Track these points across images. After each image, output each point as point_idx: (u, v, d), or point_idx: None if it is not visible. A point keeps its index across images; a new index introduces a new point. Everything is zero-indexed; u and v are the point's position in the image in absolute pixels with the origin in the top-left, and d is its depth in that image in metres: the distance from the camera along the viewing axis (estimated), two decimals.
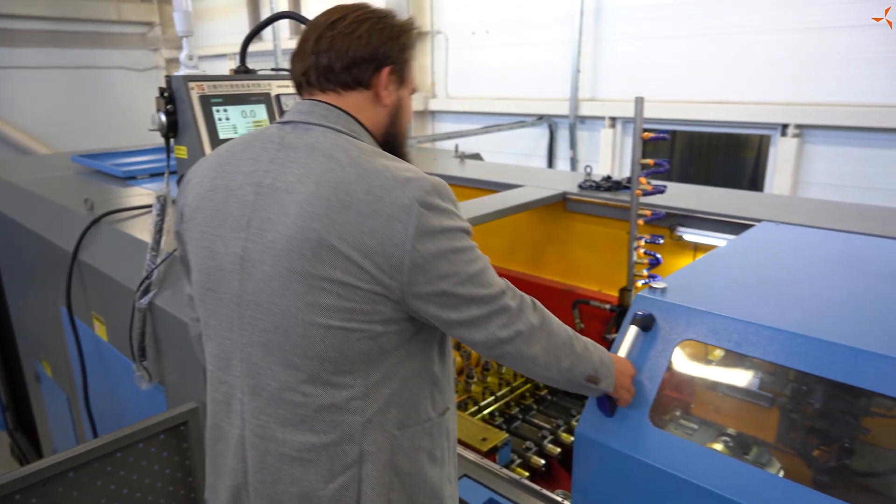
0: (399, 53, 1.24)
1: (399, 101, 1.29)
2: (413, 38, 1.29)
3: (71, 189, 3.18)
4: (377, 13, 1.25)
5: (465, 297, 1.15)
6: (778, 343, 1.33)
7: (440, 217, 1.13)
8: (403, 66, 1.27)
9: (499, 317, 1.18)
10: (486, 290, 1.17)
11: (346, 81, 1.22)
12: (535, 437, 2.40)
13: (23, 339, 3.53)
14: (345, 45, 1.20)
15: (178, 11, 1.89)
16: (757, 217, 2.33)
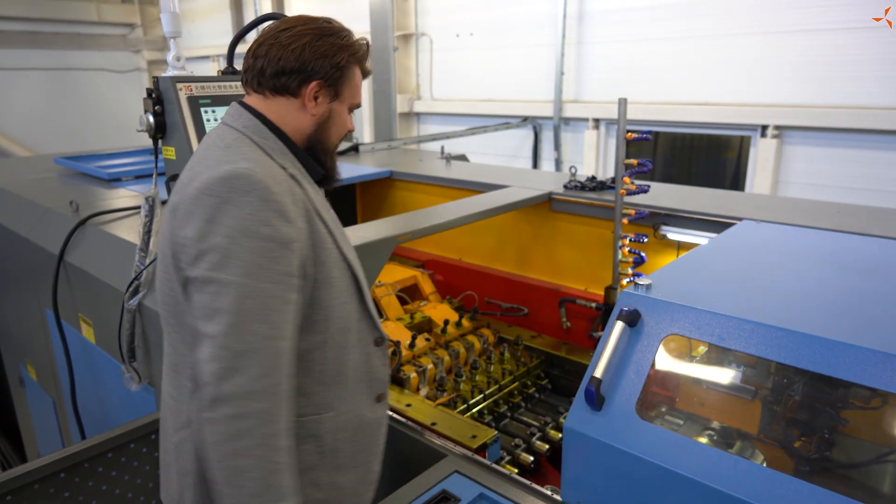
0: (331, 70, 1.33)
1: (329, 114, 1.39)
2: (352, 59, 1.36)
3: (55, 191, 3.15)
4: (324, 30, 1.33)
5: (207, 298, 1.17)
6: (759, 336, 1.37)
7: (217, 207, 1.19)
8: (338, 82, 1.36)
9: (206, 345, 1.16)
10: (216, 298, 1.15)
11: (274, 87, 1.34)
12: (524, 434, 2.43)
13: (6, 344, 3.49)
14: (279, 54, 1.31)
15: (165, 13, 1.90)
16: (738, 216, 2.38)
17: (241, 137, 1.32)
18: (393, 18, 6.84)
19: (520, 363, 2.78)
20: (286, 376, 1.20)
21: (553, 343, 2.89)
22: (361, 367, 1.44)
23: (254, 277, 1.16)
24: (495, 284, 3.22)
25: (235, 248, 1.16)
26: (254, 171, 1.21)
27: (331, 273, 1.33)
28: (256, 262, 1.16)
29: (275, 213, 1.19)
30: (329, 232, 1.34)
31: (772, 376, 1.52)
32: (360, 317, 1.42)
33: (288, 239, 1.21)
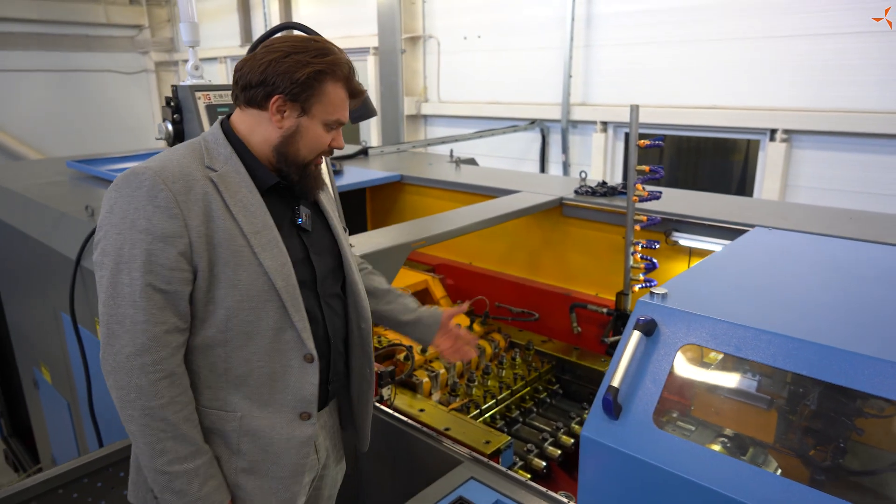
0: (291, 86, 1.37)
1: (296, 128, 1.43)
2: (319, 76, 1.39)
3: (69, 195, 3.18)
4: (296, 48, 1.39)
5: (102, 286, 1.32)
6: (776, 347, 1.38)
7: (111, 199, 1.31)
8: (300, 97, 1.39)
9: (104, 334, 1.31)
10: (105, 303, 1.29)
11: (244, 99, 1.43)
12: (536, 439, 2.44)
13: (20, 346, 3.53)
14: (247, 68, 1.41)
15: (184, 22, 1.92)
16: (750, 222, 2.40)
17: (194, 142, 1.45)
18: (401, 21, 6.86)
19: (531, 368, 2.79)
20: (164, 358, 1.31)
21: (563, 348, 2.90)
22: (281, 379, 1.45)
23: (128, 265, 1.29)
24: (506, 289, 3.23)
25: (117, 238, 1.29)
26: (151, 170, 1.31)
27: (235, 275, 1.37)
28: (131, 252, 1.29)
29: (157, 208, 1.29)
30: (242, 234, 1.38)
31: (788, 386, 1.54)
32: (279, 327, 1.42)
33: (166, 234, 1.29)
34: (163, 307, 1.31)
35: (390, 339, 2.67)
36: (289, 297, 1.42)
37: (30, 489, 1.46)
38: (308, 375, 1.47)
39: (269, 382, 1.44)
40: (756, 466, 1.36)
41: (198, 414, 1.40)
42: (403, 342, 2.64)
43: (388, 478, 2.16)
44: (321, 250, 1.58)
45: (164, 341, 1.31)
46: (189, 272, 1.34)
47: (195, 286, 1.35)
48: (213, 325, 1.38)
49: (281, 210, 1.50)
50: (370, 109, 1.93)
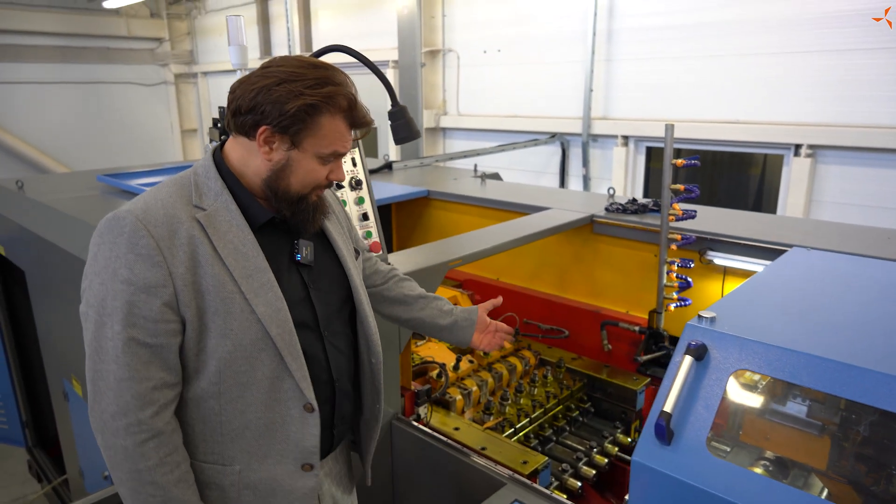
0: (280, 118, 1.26)
1: (286, 162, 1.32)
2: (312, 109, 1.27)
3: (103, 210, 3.21)
4: (292, 75, 1.27)
5: (88, 338, 1.26)
6: (829, 373, 1.37)
7: (96, 247, 1.26)
8: (290, 129, 1.28)
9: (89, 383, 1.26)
10: (97, 351, 1.24)
11: (234, 126, 1.34)
12: (571, 458, 2.43)
13: (50, 358, 3.56)
14: (238, 94, 1.30)
15: (233, 45, 1.95)
16: (786, 242, 2.38)
17: (183, 176, 1.36)
18: (421, 34, 6.91)
19: (562, 386, 2.78)
20: (150, 416, 1.23)
21: (593, 365, 2.89)
22: (279, 430, 1.37)
23: (110, 318, 1.22)
24: (534, 305, 3.23)
25: (100, 289, 1.23)
26: (133, 213, 1.23)
27: (226, 324, 1.28)
28: (113, 304, 1.22)
29: (139, 256, 1.21)
30: (233, 279, 1.28)
31: (841, 412, 1.52)
32: (276, 376, 1.34)
33: (148, 284, 1.21)
34: (148, 362, 1.23)
35: (422, 356, 2.68)
36: (284, 344, 1.34)
37: None
38: (309, 426, 1.39)
39: (267, 434, 1.37)
40: (808, 493, 1.34)
41: (194, 469, 1.34)
42: (436, 359, 2.64)
43: (426, 498, 2.16)
44: (326, 285, 1.49)
45: (150, 399, 1.23)
46: (176, 323, 1.25)
47: (185, 337, 1.27)
48: (205, 377, 1.30)
49: (278, 246, 1.41)
50: (414, 131, 1.94)
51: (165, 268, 1.23)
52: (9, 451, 5.05)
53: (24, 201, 3.58)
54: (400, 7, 6.94)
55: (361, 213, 2.07)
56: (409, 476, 2.18)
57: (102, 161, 10.42)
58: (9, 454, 5.12)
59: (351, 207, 2.05)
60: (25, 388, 4.37)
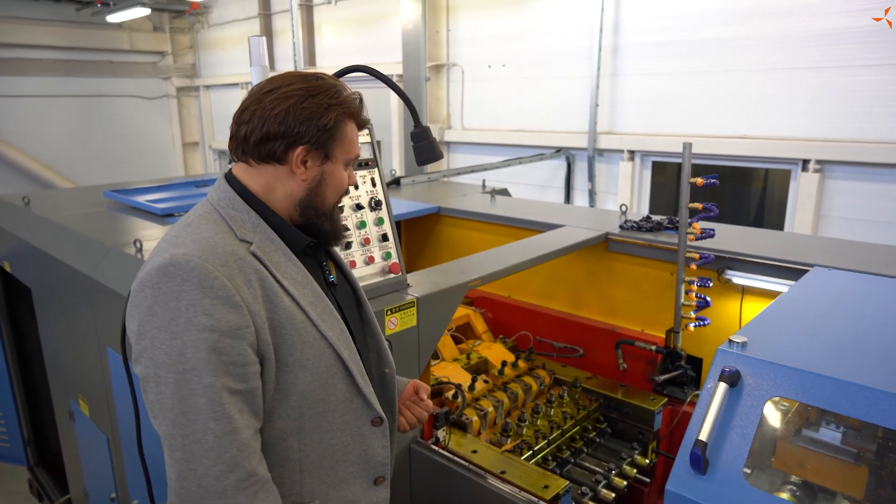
0: (318, 133, 1.26)
1: (321, 176, 1.32)
2: (342, 116, 1.29)
3: (113, 228, 3.19)
4: (310, 90, 1.26)
5: (153, 398, 1.15)
6: (866, 400, 1.34)
7: (154, 299, 1.14)
8: (327, 143, 1.29)
9: (163, 446, 1.15)
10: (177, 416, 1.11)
11: (259, 155, 1.28)
12: (589, 481, 2.39)
13: (56, 377, 3.51)
14: (262, 120, 1.25)
15: (255, 66, 1.93)
16: (806, 261, 2.36)
17: (209, 213, 1.28)
18: (425, 49, 6.94)
19: (579, 406, 2.75)
20: (256, 465, 1.17)
21: (608, 384, 2.86)
22: (353, 450, 1.36)
23: (197, 372, 1.11)
24: (547, 323, 3.20)
25: (172, 344, 1.11)
26: (192, 256, 1.15)
27: (303, 355, 1.25)
28: (196, 357, 1.11)
29: (215, 300, 1.13)
30: (301, 309, 1.26)
31: (878, 439, 1.50)
32: (348, 398, 1.33)
33: (232, 326, 1.14)
34: (242, 409, 1.16)
35: (437, 376, 2.64)
36: (354, 364, 1.33)
37: None
38: (378, 438, 1.40)
39: (343, 458, 1.35)
40: None
41: None
42: (451, 380, 2.60)
43: None
44: (346, 302, 1.49)
45: (253, 448, 1.16)
46: (258, 364, 1.19)
47: (263, 377, 1.21)
48: (283, 414, 1.25)
49: (311, 270, 1.38)
50: (437, 152, 1.92)
51: (244, 307, 1.16)
52: (9, 470, 4.99)
53: (31, 218, 3.55)
54: (405, 21, 6.97)
55: (381, 234, 2.04)
56: (430, 501, 2.14)
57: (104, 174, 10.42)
58: (9, 472, 5.06)
59: (370, 228, 2.03)
60: (28, 407, 4.32)
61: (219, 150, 11.80)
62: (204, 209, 1.31)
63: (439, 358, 2.86)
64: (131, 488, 2.81)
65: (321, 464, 1.32)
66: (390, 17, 7.62)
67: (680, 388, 2.74)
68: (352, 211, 1.99)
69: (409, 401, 1.62)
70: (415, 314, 2.02)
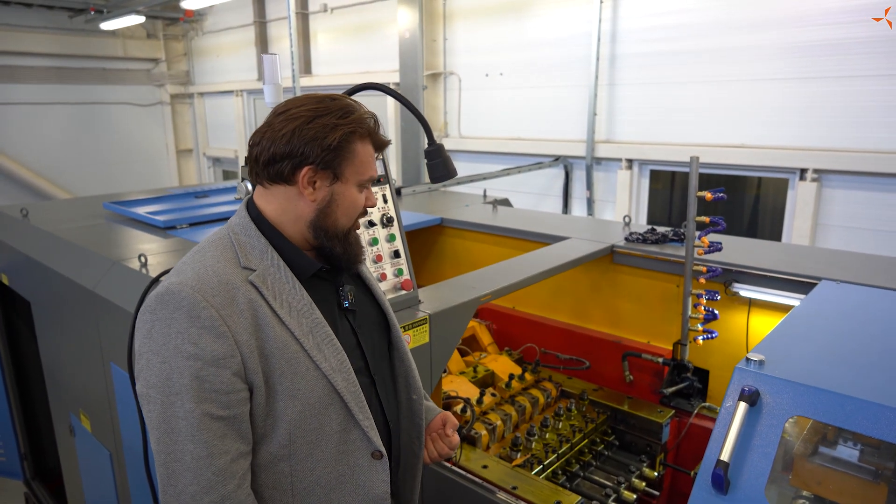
0: (323, 153, 1.26)
1: (330, 197, 1.31)
2: (350, 136, 1.28)
3: (114, 241, 3.17)
4: (318, 111, 1.27)
5: (147, 416, 1.21)
6: (886, 419, 1.35)
7: (152, 324, 1.20)
8: (334, 163, 1.28)
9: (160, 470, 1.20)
10: (165, 434, 1.18)
11: (269, 176, 1.30)
12: (599, 495, 2.39)
13: (56, 391, 3.47)
14: (270, 141, 1.28)
15: (269, 84, 1.92)
16: (812, 274, 2.37)
17: (221, 239, 1.32)
18: (422, 58, 6.95)
19: (587, 419, 2.75)
20: (232, 491, 1.20)
21: (616, 397, 2.86)
22: (349, 481, 1.35)
23: (178, 397, 1.17)
24: (552, 335, 3.20)
25: (161, 367, 1.18)
26: (185, 286, 1.20)
27: (293, 385, 1.26)
28: (181, 382, 1.17)
29: (201, 329, 1.17)
30: (294, 338, 1.27)
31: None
32: (344, 429, 1.33)
33: (216, 356, 1.18)
34: (224, 435, 1.19)
35: (445, 390, 2.64)
36: (352, 396, 1.32)
37: None
38: (378, 472, 1.37)
39: (338, 487, 1.34)
40: None
41: None
42: (459, 393, 2.60)
43: None
44: (368, 326, 1.48)
45: (231, 472, 1.20)
46: (245, 391, 1.22)
47: (253, 403, 1.24)
48: (274, 441, 1.27)
49: (325, 295, 1.38)
50: (451, 170, 1.92)
51: (230, 337, 1.19)
52: (4, 484, 4.93)
53: (30, 230, 3.52)
54: (402, 30, 6.98)
55: (393, 251, 2.04)
56: None
57: (99, 182, 10.36)
58: (4, 486, 4.99)
59: (382, 244, 2.02)
60: (24, 420, 4.27)
61: (213, 157, 11.76)
62: (218, 235, 1.34)
63: (446, 371, 2.85)
64: (135, 502, 2.78)
65: (314, 490, 1.32)
66: (387, 26, 7.63)
67: (687, 400, 2.74)
68: (364, 228, 1.98)
69: (434, 433, 1.59)
70: (427, 331, 2.02)
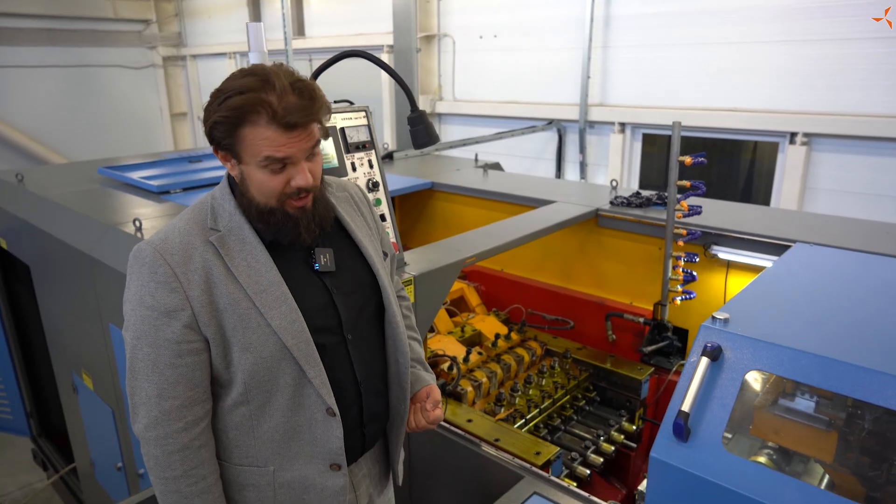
0: (220, 136, 1.31)
1: (242, 176, 1.36)
2: (235, 122, 1.28)
3: (109, 206, 3.22)
4: (218, 93, 1.30)
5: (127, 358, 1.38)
6: (838, 374, 1.44)
7: (128, 277, 1.37)
8: (231, 147, 1.31)
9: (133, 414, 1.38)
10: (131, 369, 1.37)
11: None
12: (579, 447, 2.51)
13: (58, 352, 3.58)
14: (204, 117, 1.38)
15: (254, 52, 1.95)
16: (789, 237, 2.45)
17: (202, 202, 1.44)
18: (416, 19, 6.87)
19: (569, 376, 2.86)
20: (177, 431, 1.35)
21: (598, 355, 2.97)
22: (306, 432, 1.44)
23: (140, 341, 1.34)
24: (539, 296, 3.29)
25: (131, 315, 1.36)
26: (152, 245, 1.34)
27: (245, 338, 1.35)
28: (142, 328, 1.34)
29: (158, 284, 1.32)
30: (247, 296, 1.35)
31: (848, 408, 1.60)
32: (297, 384, 1.40)
33: (169, 308, 1.32)
34: (174, 382, 1.33)
35: (433, 349, 2.73)
36: (301, 354, 1.38)
37: None
38: (332, 429, 1.45)
39: (295, 436, 1.44)
40: (818, 487, 1.42)
41: (232, 472, 1.45)
42: (446, 352, 2.70)
43: (443, 491, 2.22)
44: (352, 288, 1.53)
45: (176, 415, 1.34)
46: (199, 342, 1.35)
47: (212, 353, 1.37)
48: (235, 388, 1.40)
49: (298, 257, 1.46)
50: (433, 136, 1.97)
51: (182, 292, 1.33)
52: (12, 441, 5.09)
53: (26, 195, 3.57)
54: None
55: (379, 215, 2.10)
56: (426, 470, 2.25)
57: (93, 146, 10.32)
58: (12, 443, 5.16)
59: None
60: (29, 379, 4.39)
61: None
62: (201, 199, 1.46)
63: (435, 331, 2.95)
64: (137, 458, 2.90)
65: (273, 436, 1.44)
66: None
67: (666, 358, 2.85)
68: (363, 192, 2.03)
69: (417, 405, 1.66)
70: (412, 291, 2.10)
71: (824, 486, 1.53)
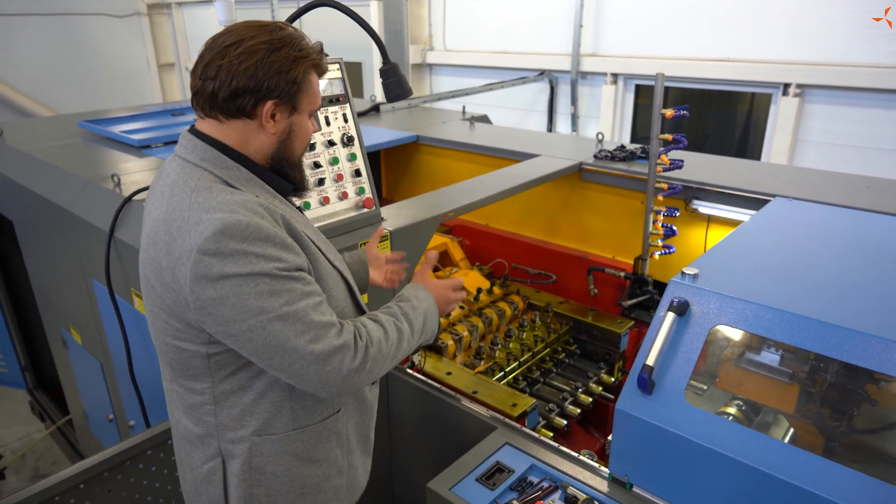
0: (287, 86, 1.28)
1: (290, 128, 1.36)
2: (306, 68, 1.31)
3: (89, 161, 3.18)
4: (274, 43, 1.26)
5: (262, 344, 1.23)
6: (801, 329, 1.46)
7: (224, 263, 1.18)
8: (295, 96, 1.31)
9: (311, 366, 1.26)
10: (287, 341, 1.23)
11: (228, 110, 1.28)
12: (557, 398, 2.56)
13: (46, 307, 3.60)
14: (230, 75, 1.24)
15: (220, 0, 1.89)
16: (769, 191, 2.44)
17: (204, 175, 1.28)
18: None
19: (550, 329, 2.89)
20: (345, 325, 1.34)
21: (579, 309, 2.99)
22: None
23: (289, 305, 1.23)
24: (522, 250, 3.30)
25: (253, 291, 1.20)
26: (238, 214, 1.20)
27: (328, 284, 1.41)
28: (275, 301, 1.21)
29: (276, 246, 1.23)
30: (315, 245, 1.38)
31: (810, 362, 1.63)
32: (354, 314, 1.52)
33: (296, 266, 1.27)
34: (319, 304, 1.30)
35: None
36: (353, 284, 1.52)
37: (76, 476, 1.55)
38: None
39: None
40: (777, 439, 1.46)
41: (314, 433, 1.47)
42: None
43: (421, 442, 2.28)
44: None
45: (333, 319, 1.32)
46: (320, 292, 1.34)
47: None
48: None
49: None
50: (406, 89, 1.93)
51: (293, 249, 1.29)
52: (9, 393, 5.18)
53: (7, 150, 3.52)
54: None
55: (354, 170, 2.08)
56: (405, 421, 2.30)
57: (78, 98, 10.11)
58: (9, 395, 5.25)
59: (343, 164, 2.06)
60: (22, 333, 4.44)
61: None
62: (195, 174, 1.30)
63: None
64: (127, 410, 2.96)
65: None
66: None
67: (646, 312, 2.88)
68: (324, 147, 2.02)
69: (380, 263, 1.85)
70: (388, 247, 2.10)
71: (786, 439, 1.57)
